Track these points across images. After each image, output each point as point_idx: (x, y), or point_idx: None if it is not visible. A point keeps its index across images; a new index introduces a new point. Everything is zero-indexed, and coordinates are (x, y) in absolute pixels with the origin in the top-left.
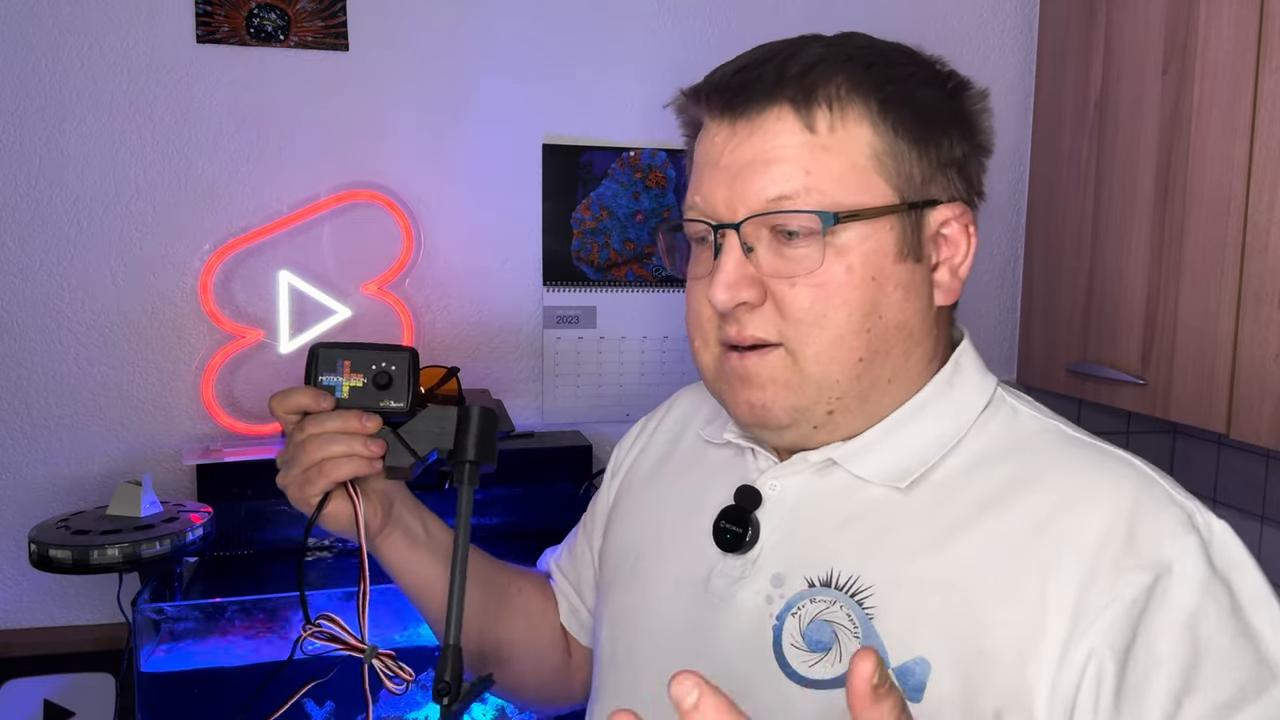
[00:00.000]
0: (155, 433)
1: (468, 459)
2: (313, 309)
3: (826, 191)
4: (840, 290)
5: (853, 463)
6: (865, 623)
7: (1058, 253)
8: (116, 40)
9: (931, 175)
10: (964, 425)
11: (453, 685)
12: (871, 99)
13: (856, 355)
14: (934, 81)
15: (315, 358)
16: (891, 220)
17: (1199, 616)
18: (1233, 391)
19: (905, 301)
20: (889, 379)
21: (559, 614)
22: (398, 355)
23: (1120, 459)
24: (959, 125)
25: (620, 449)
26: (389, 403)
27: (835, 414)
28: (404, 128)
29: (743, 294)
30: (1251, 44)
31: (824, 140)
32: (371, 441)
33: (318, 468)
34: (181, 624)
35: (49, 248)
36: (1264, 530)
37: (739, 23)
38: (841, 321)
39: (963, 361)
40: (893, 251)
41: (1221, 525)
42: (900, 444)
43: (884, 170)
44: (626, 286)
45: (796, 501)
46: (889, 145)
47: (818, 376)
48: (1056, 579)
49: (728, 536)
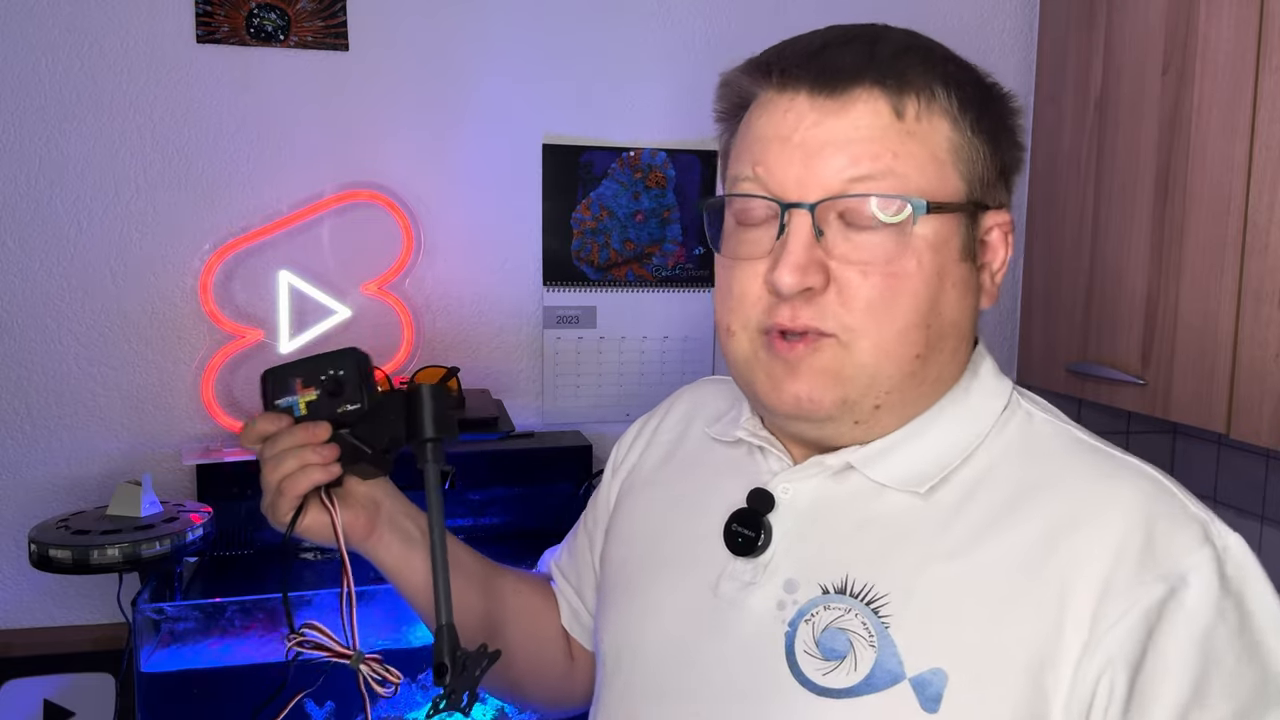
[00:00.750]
0: (155, 433)
1: (426, 437)
2: (313, 309)
3: (909, 178)
4: (911, 283)
5: (870, 467)
6: (881, 631)
7: (1058, 253)
8: (116, 40)
9: (993, 179)
10: (983, 430)
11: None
12: (952, 93)
13: (915, 351)
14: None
15: (266, 383)
16: (961, 218)
17: (1211, 631)
18: (1233, 391)
19: (961, 300)
20: (935, 377)
21: (560, 617)
22: (343, 359)
23: (1135, 468)
24: (1009, 134)
25: (619, 448)
26: (346, 407)
27: (881, 409)
28: (404, 128)
29: (810, 278)
30: (1251, 44)
31: (910, 127)
32: (323, 448)
33: (278, 488)
34: (181, 624)
35: (49, 248)
36: (1264, 530)
37: (739, 22)
38: (908, 315)
39: (980, 367)
40: (957, 249)
41: (1236, 539)
42: (919, 449)
43: (960, 166)
44: (626, 286)
45: (810, 505)
46: (965, 142)
47: (872, 369)
48: (1074, 589)
49: (739, 540)
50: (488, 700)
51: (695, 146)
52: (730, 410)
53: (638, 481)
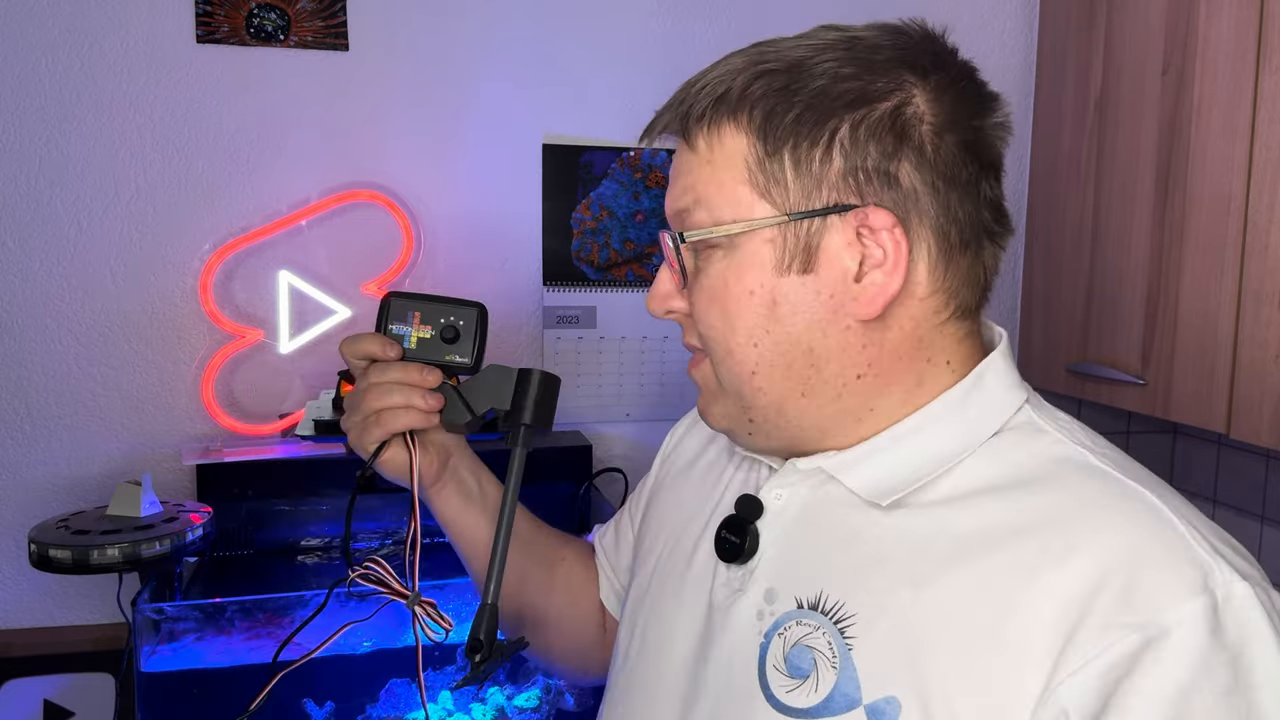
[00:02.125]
0: (155, 433)
1: (524, 422)
2: (313, 309)
3: (712, 207)
4: (723, 303)
5: (843, 474)
6: (844, 653)
7: (1058, 253)
8: (116, 40)
9: (820, 182)
10: (971, 445)
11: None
12: (753, 111)
13: (748, 369)
14: (868, 72)
15: (387, 306)
16: (769, 233)
17: (1190, 693)
18: (1233, 391)
19: (793, 316)
20: (800, 393)
21: (599, 590)
22: (467, 310)
23: (1143, 499)
24: (882, 121)
25: (673, 434)
26: (454, 357)
27: (755, 423)
28: (404, 128)
29: (669, 304)
30: (1251, 44)
31: (706, 156)
32: (430, 395)
33: (375, 416)
34: (181, 624)
35: (49, 248)
36: (1264, 530)
37: (739, 22)
38: (727, 335)
39: (986, 375)
40: (771, 265)
41: (1245, 589)
42: (894, 458)
43: (756, 182)
44: (626, 286)
45: (798, 514)
46: (763, 157)
47: (729, 386)
48: (1041, 632)
49: (726, 546)
50: (487, 700)
51: None
52: None
53: (670, 474)
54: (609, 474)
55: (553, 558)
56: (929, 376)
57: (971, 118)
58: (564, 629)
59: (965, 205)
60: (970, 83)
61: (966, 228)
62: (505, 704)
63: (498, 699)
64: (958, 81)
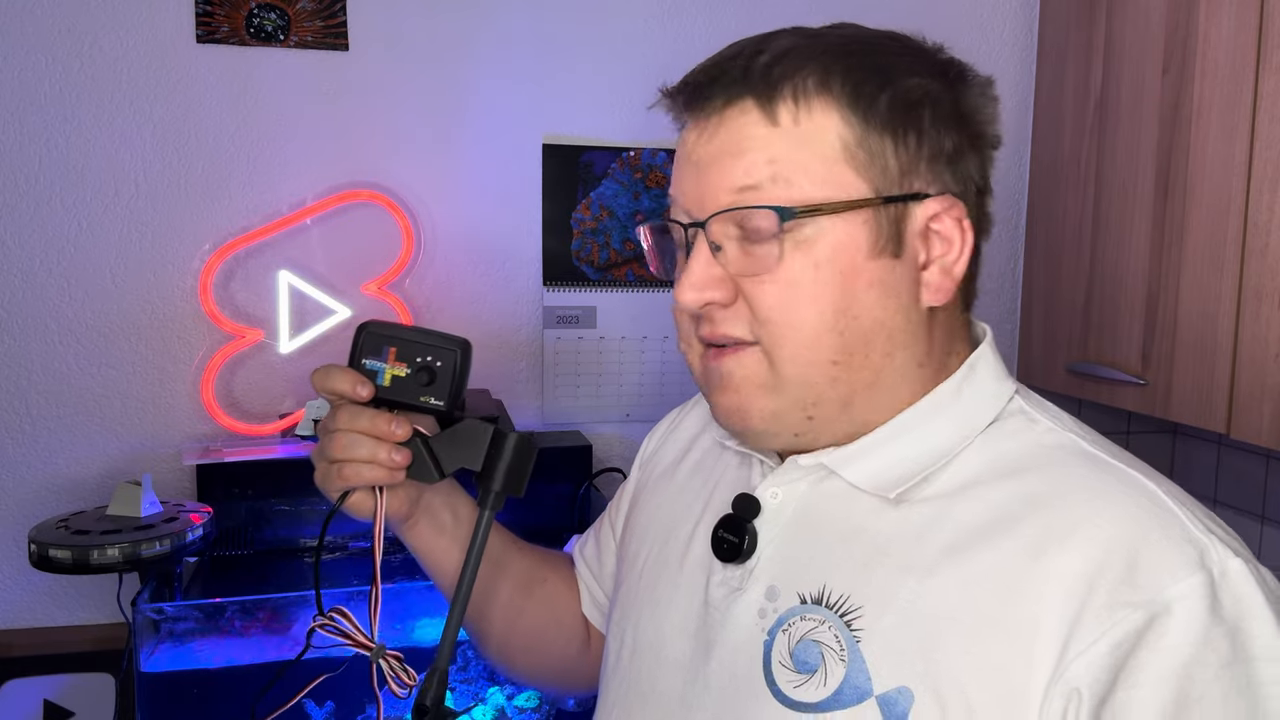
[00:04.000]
0: (155, 433)
1: (494, 488)
2: (313, 309)
3: (794, 183)
4: (809, 288)
5: (846, 469)
6: (852, 646)
7: (1058, 253)
8: (116, 40)
9: (913, 167)
10: (968, 436)
11: (432, 709)
12: (844, 88)
13: (830, 357)
14: (923, 69)
15: (360, 336)
16: (865, 214)
17: (1192, 666)
18: (1233, 391)
19: (883, 300)
20: (870, 383)
21: (580, 603)
22: (447, 350)
23: (1136, 483)
24: (950, 115)
25: (650, 438)
26: (429, 399)
27: (815, 420)
28: (404, 128)
29: (709, 294)
30: (1251, 44)
31: (789, 132)
32: (397, 451)
33: (338, 466)
34: (181, 624)
35: (49, 248)
36: (1264, 530)
37: (739, 21)
38: (812, 321)
39: (978, 367)
40: (865, 247)
41: (1239, 565)
42: (895, 451)
43: (854, 162)
44: (626, 286)
45: (796, 511)
46: (860, 136)
47: (795, 378)
48: (1048, 614)
49: (724, 546)
50: (488, 700)
51: None
52: None
53: (654, 476)
54: (609, 474)
55: (533, 579)
56: (947, 366)
57: (995, 126)
58: (548, 648)
59: (987, 203)
60: (993, 94)
61: (985, 224)
62: (505, 704)
63: (498, 699)
64: (984, 92)
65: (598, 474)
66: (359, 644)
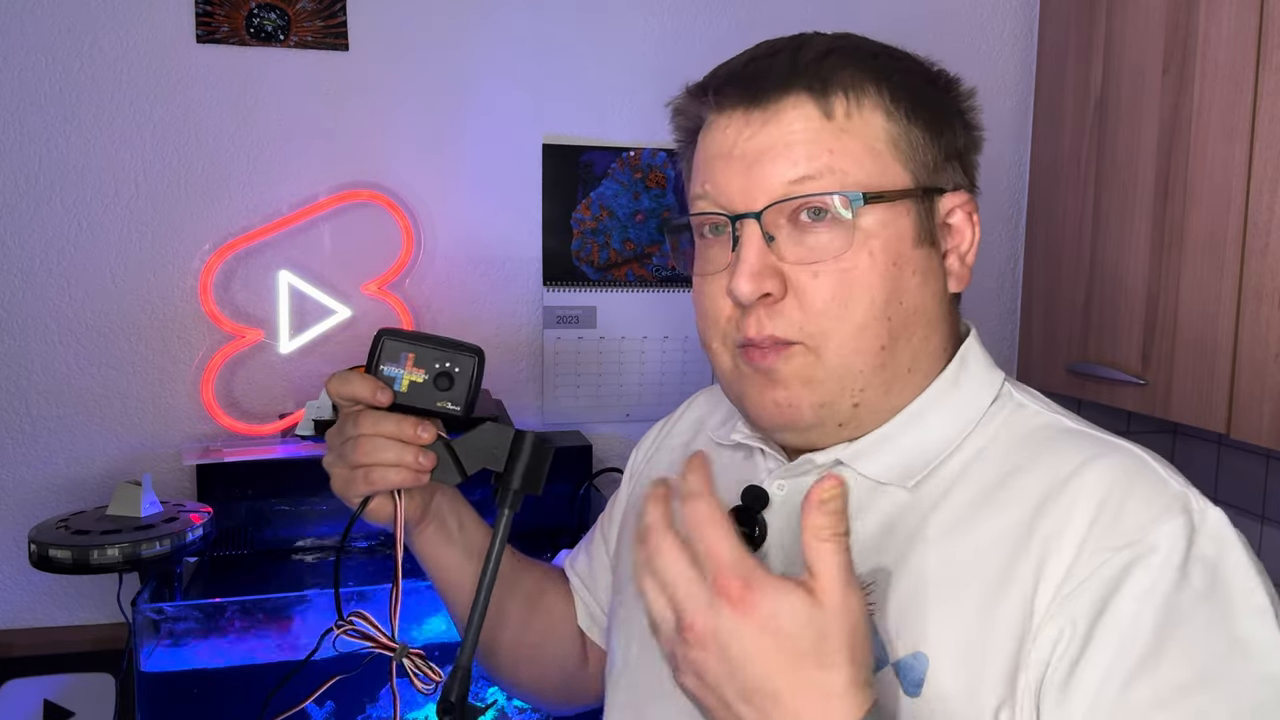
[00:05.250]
0: (155, 433)
1: (513, 487)
2: (313, 309)
3: (849, 173)
4: (865, 276)
5: (859, 463)
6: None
7: (1058, 253)
8: (116, 40)
9: (941, 163)
10: (970, 422)
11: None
12: (883, 87)
13: (879, 343)
14: (928, 75)
15: (379, 345)
16: (909, 204)
17: (1172, 598)
18: (1233, 391)
19: (924, 286)
20: (909, 368)
21: (577, 618)
22: (464, 356)
23: (1117, 446)
24: (958, 117)
25: (638, 451)
26: (447, 404)
27: (860, 407)
28: (404, 128)
29: (766, 284)
30: (1251, 44)
31: (842, 124)
32: (423, 454)
33: (364, 471)
34: (181, 624)
35: (49, 248)
36: (1264, 530)
37: (740, 22)
38: (865, 308)
39: (969, 357)
40: (911, 236)
41: (1217, 513)
42: (907, 443)
43: (900, 155)
44: (626, 286)
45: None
46: (903, 131)
47: (840, 369)
48: (1047, 567)
49: None
50: (487, 700)
51: None
52: (732, 416)
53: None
54: (609, 474)
55: (534, 593)
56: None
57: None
58: (548, 662)
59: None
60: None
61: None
62: (505, 704)
63: (498, 699)
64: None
65: (598, 474)
66: (382, 645)
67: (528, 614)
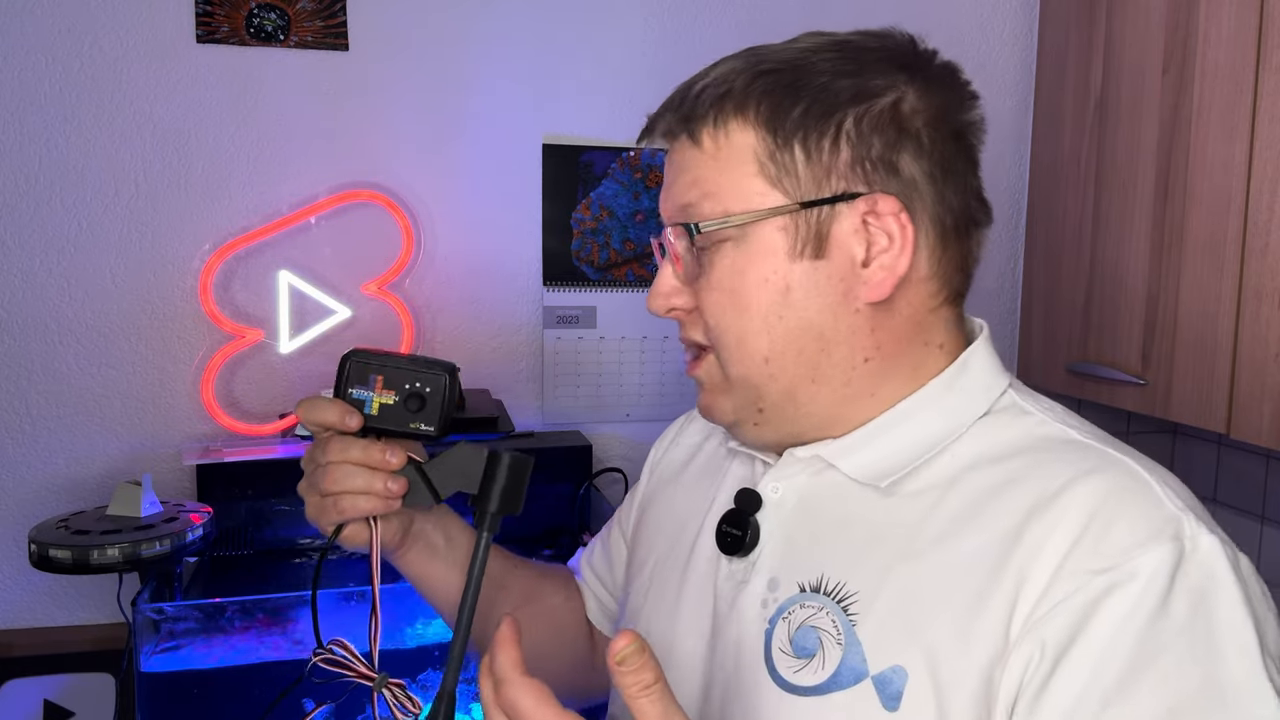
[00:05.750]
0: (155, 433)
1: (490, 510)
2: (313, 309)
3: (721, 200)
4: (735, 293)
5: (840, 460)
6: (848, 629)
7: (1058, 253)
8: (116, 40)
9: (829, 172)
10: (959, 427)
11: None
12: (759, 106)
13: (761, 356)
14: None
15: (346, 368)
16: (781, 221)
17: (1150, 626)
18: (1233, 391)
19: (806, 300)
20: (810, 378)
21: (585, 610)
22: (435, 375)
23: (1117, 461)
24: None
25: (658, 446)
26: (419, 425)
27: (765, 412)
28: (404, 128)
29: (672, 301)
30: (1251, 44)
31: (712, 152)
32: (393, 480)
33: (333, 500)
34: (181, 624)
35: (49, 248)
36: (1264, 530)
37: (739, 23)
38: (741, 324)
39: (971, 361)
40: (784, 252)
41: (1211, 542)
42: (889, 443)
43: (767, 174)
44: (626, 286)
45: (796, 504)
46: (771, 150)
47: (736, 378)
48: (1026, 583)
49: (728, 539)
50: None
51: None
52: None
53: (662, 481)
54: (609, 474)
55: (532, 594)
56: (926, 361)
57: (958, 112)
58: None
59: (958, 194)
60: (955, 80)
61: (959, 215)
62: None
63: None
64: (944, 79)
65: (598, 474)
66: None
67: (524, 616)
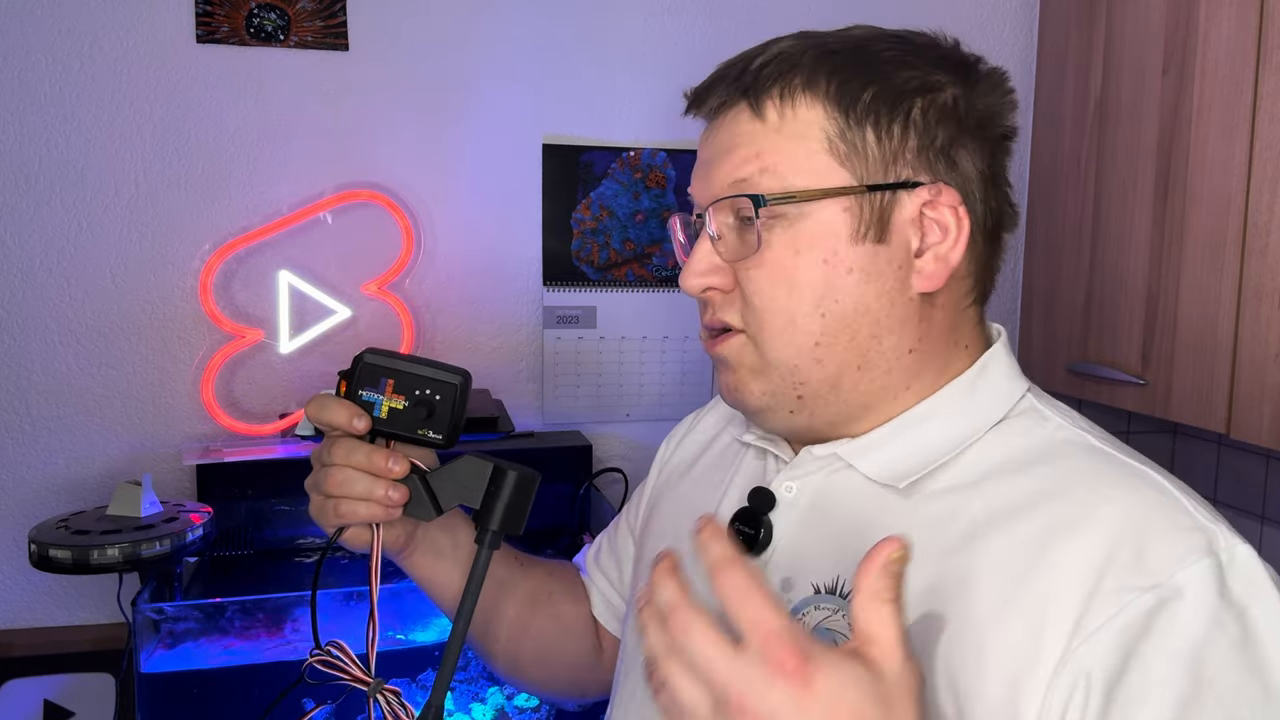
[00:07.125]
0: (155, 433)
1: (491, 528)
2: (313, 309)
3: (782, 175)
4: (789, 273)
5: (858, 460)
6: None
7: (1058, 253)
8: (116, 40)
9: (899, 157)
10: (978, 430)
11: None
12: (829, 84)
13: (812, 339)
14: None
15: (358, 369)
16: (846, 201)
17: (1205, 648)
18: (1233, 391)
19: (864, 285)
20: (857, 365)
21: (591, 607)
22: (446, 383)
23: (1144, 475)
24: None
25: (668, 443)
26: (427, 432)
27: (805, 399)
28: (404, 128)
29: (709, 280)
30: (1251, 44)
31: (775, 126)
32: (394, 489)
33: (334, 503)
34: (181, 624)
35: (49, 248)
36: (1264, 530)
37: (740, 23)
38: (793, 305)
39: (990, 365)
40: (846, 233)
41: (1246, 551)
42: (907, 444)
43: (836, 152)
44: (626, 286)
45: (810, 503)
46: (842, 129)
47: (777, 361)
48: (1057, 599)
49: (741, 538)
50: (487, 700)
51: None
52: None
53: (671, 478)
54: (609, 474)
55: (538, 593)
56: (954, 360)
57: (1004, 118)
58: (558, 659)
59: (997, 196)
60: (1004, 85)
61: (996, 217)
62: (505, 704)
63: (497, 699)
64: (995, 83)
65: (598, 474)
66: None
67: (529, 615)
